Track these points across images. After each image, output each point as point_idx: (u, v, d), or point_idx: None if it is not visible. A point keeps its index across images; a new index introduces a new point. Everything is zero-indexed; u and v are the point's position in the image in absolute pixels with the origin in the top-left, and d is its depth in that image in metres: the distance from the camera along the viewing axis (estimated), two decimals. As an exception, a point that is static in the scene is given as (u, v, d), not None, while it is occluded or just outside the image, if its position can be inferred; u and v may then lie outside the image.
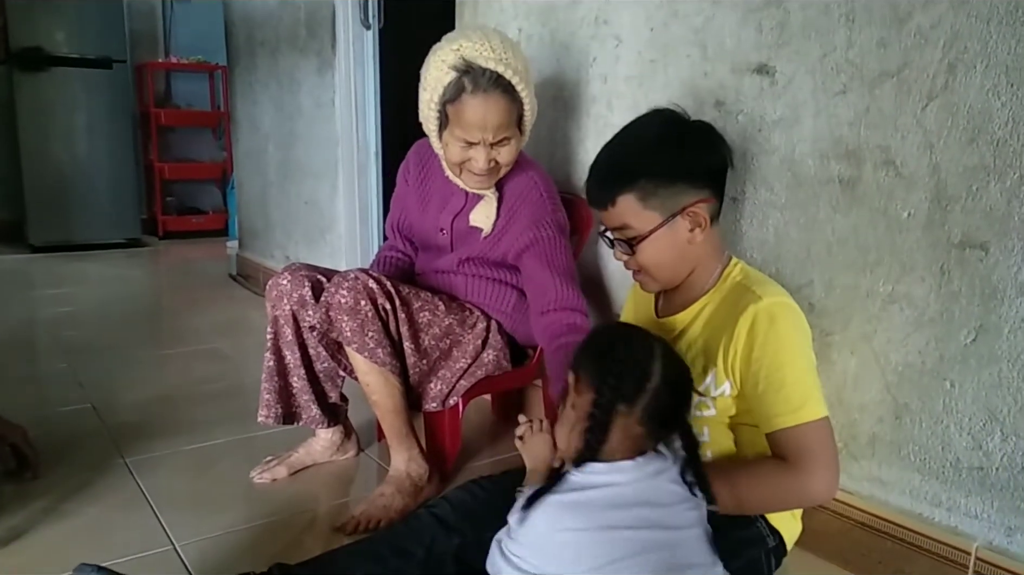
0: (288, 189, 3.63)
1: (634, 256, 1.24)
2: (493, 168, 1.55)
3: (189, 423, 2.03)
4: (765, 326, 1.13)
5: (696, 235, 1.21)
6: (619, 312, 1.85)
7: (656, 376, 1.01)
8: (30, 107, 4.86)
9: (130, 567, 1.12)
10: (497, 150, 1.52)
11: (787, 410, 1.11)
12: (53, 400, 2.21)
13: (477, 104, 1.45)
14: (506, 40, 1.50)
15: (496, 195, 1.62)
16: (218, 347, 2.87)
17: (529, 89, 1.51)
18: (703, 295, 1.25)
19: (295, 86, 3.39)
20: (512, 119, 1.51)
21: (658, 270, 1.25)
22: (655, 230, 1.20)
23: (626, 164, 1.22)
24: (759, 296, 1.15)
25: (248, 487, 1.68)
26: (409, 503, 1.55)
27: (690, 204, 1.19)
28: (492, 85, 1.45)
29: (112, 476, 1.71)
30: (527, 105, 1.52)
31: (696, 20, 1.56)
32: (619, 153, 1.24)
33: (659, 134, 1.22)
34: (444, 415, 1.68)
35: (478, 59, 1.43)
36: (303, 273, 1.63)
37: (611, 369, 1.01)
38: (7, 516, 1.50)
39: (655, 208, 1.19)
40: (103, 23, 5.00)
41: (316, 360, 1.69)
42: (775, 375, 1.12)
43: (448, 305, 1.65)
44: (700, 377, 1.20)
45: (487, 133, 1.48)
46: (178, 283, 4.39)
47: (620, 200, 1.20)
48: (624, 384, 1.00)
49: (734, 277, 1.23)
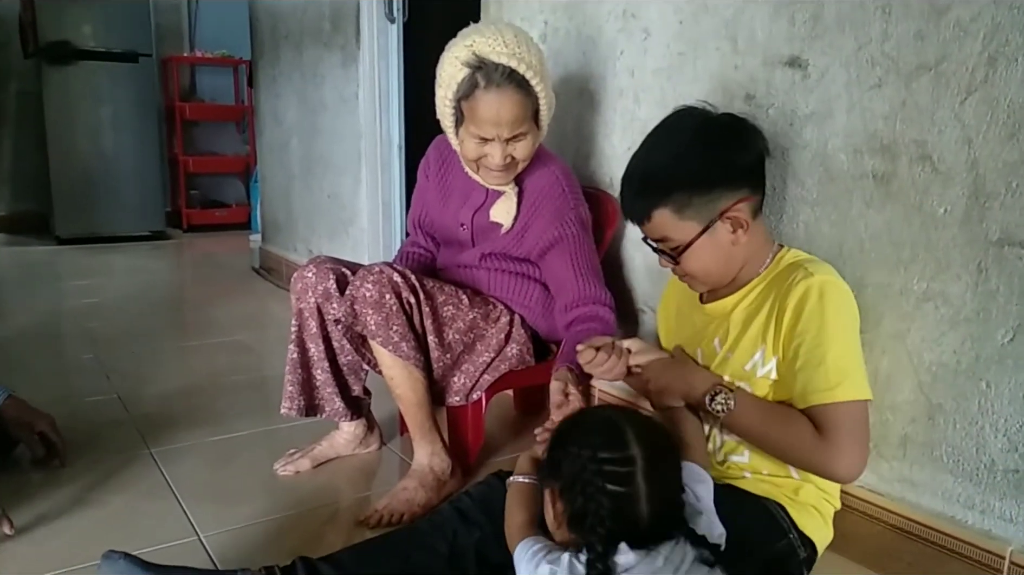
0: (311, 183, 3.64)
1: (679, 265, 1.22)
2: (510, 164, 1.54)
3: (212, 414, 2.05)
4: (813, 300, 1.11)
5: (739, 236, 1.19)
6: (642, 307, 1.84)
7: (644, 503, 0.92)
8: (57, 100, 4.92)
9: (156, 556, 1.13)
10: (513, 146, 1.51)
11: (824, 387, 1.09)
12: (80, 390, 2.23)
13: (491, 100, 1.44)
14: (520, 35, 1.48)
15: (516, 190, 1.61)
16: (241, 339, 2.89)
17: (544, 84, 1.50)
18: (750, 282, 1.23)
19: (319, 80, 3.40)
20: (527, 114, 1.49)
21: (706, 275, 1.23)
22: (695, 239, 1.18)
23: (658, 177, 1.19)
24: (811, 273, 1.14)
25: (271, 479, 1.69)
26: (432, 497, 1.54)
27: (728, 207, 1.16)
28: (505, 80, 1.43)
29: (138, 466, 1.72)
30: (543, 100, 1.51)
31: (727, 13, 1.54)
32: (649, 165, 1.21)
33: (687, 140, 1.19)
34: (467, 409, 1.68)
35: (491, 55, 1.42)
36: (328, 266, 1.63)
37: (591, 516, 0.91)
38: (35, 503, 1.52)
39: (692, 218, 1.17)
40: (129, 17, 5.04)
41: (340, 353, 1.69)
42: (816, 351, 1.10)
43: (472, 299, 1.65)
44: (745, 356, 1.19)
45: (501, 129, 1.47)
46: (202, 276, 4.43)
47: (656, 215, 1.18)
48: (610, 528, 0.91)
49: (786, 260, 1.22)
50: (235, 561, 1.27)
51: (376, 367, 1.63)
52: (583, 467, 0.93)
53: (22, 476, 1.66)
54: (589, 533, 0.91)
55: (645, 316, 1.85)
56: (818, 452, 1.09)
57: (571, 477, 0.93)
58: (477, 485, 1.30)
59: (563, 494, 0.95)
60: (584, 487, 0.92)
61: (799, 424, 1.12)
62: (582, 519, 0.92)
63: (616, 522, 0.91)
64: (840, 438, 1.08)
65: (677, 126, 1.22)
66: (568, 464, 0.94)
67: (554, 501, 0.98)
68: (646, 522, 0.92)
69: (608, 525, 0.90)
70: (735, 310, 1.23)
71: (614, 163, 1.88)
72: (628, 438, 0.94)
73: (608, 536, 0.90)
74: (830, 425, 1.09)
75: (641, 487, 0.92)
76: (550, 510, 0.99)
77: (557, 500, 0.97)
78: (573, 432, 1.00)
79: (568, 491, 0.94)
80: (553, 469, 0.97)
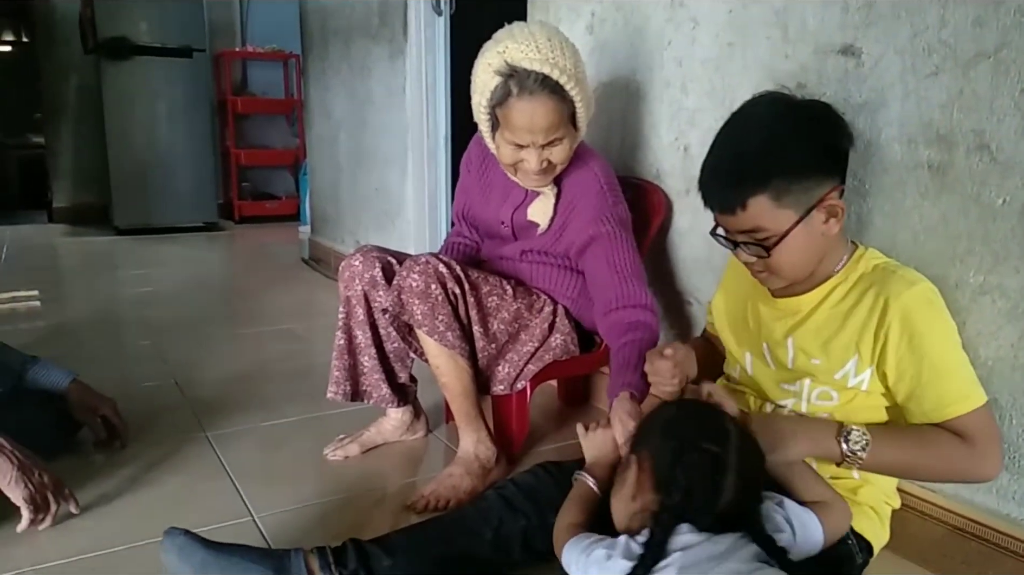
0: (359, 175, 3.70)
1: (768, 258, 1.14)
2: (547, 168, 1.53)
3: (264, 400, 2.10)
4: (924, 313, 1.09)
5: (832, 226, 1.13)
6: (689, 299, 1.83)
7: (729, 491, 0.95)
8: (115, 95, 5.08)
9: (212, 535, 1.17)
10: (549, 151, 1.50)
11: (959, 397, 1.08)
12: (139, 375, 2.31)
13: (524, 107, 1.43)
14: (554, 38, 1.46)
15: (554, 191, 1.61)
16: (291, 328, 2.96)
17: (580, 86, 1.47)
18: (830, 277, 1.18)
19: (367, 73, 3.44)
20: (563, 119, 1.47)
21: (792, 269, 1.15)
22: (791, 229, 1.10)
23: (754, 164, 1.10)
24: (910, 282, 1.11)
25: (321, 463, 1.73)
26: (477, 484, 1.56)
27: (825, 195, 1.11)
28: (538, 87, 1.42)
29: (194, 448, 1.78)
30: (578, 102, 1.48)
31: (777, 1, 1.52)
32: (743, 152, 1.12)
33: (782, 126, 1.11)
34: (512, 398, 1.69)
35: (523, 61, 1.41)
36: (374, 255, 1.66)
37: (680, 479, 0.94)
38: (98, 483, 1.59)
39: (790, 206, 1.10)
40: (184, 13, 5.18)
41: (386, 340, 1.72)
42: (941, 363, 1.09)
43: (516, 290, 1.66)
44: (837, 365, 1.15)
45: (536, 136, 1.46)
46: (253, 266, 4.53)
47: (752, 203, 1.09)
48: (694, 499, 0.94)
49: (867, 258, 1.18)
50: (287, 541, 1.31)
51: (422, 356, 1.66)
52: (681, 440, 0.98)
53: (85, 457, 1.73)
54: (663, 506, 0.94)
55: (692, 308, 1.84)
56: (971, 461, 1.09)
57: (667, 448, 0.98)
58: (523, 474, 1.32)
59: (653, 462, 0.99)
60: (676, 459, 0.96)
61: (945, 440, 1.09)
62: (666, 487, 0.95)
63: (695, 500, 0.94)
64: (986, 442, 1.08)
65: (767, 112, 1.14)
66: (667, 437, 1.00)
67: (640, 468, 1.00)
68: (721, 507, 0.94)
69: (687, 500, 0.93)
70: (817, 310, 1.18)
71: (660, 154, 1.87)
72: (728, 426, 1.01)
73: (677, 512, 0.93)
74: (976, 433, 1.08)
75: (729, 473, 0.95)
76: (631, 477, 1.01)
77: (643, 468, 1.00)
78: (675, 413, 1.06)
79: (659, 459, 0.98)
80: (649, 438, 1.02)
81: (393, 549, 1.18)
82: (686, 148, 1.79)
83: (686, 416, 1.06)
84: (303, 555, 1.16)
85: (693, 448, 0.96)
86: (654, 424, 1.06)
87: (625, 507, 1.02)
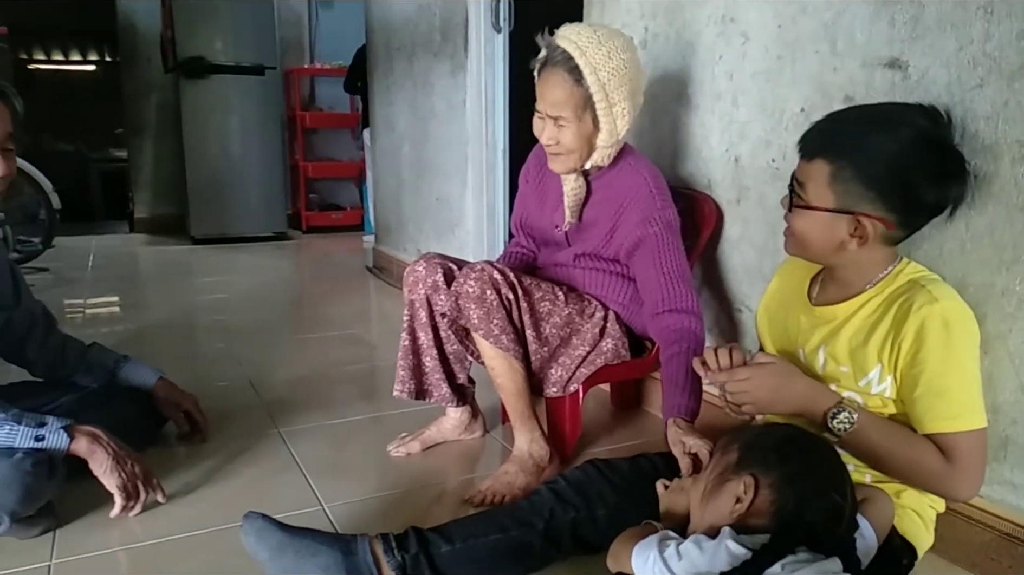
0: (420, 186, 3.82)
1: (793, 215, 1.22)
2: (556, 149, 1.63)
3: (331, 400, 2.22)
4: (937, 329, 1.11)
5: (851, 243, 1.17)
6: (740, 307, 1.87)
7: (841, 530, 1.00)
8: (192, 111, 5.34)
9: (286, 521, 1.27)
10: (557, 129, 1.60)
11: (946, 416, 1.12)
12: (216, 375, 2.46)
13: (545, 76, 1.59)
14: (605, 40, 1.55)
15: (583, 187, 1.69)
16: (355, 333, 3.09)
17: (602, 84, 1.54)
18: (868, 289, 1.22)
19: (429, 88, 3.57)
20: (572, 102, 1.56)
21: (801, 240, 1.23)
22: (817, 209, 1.17)
23: (849, 138, 1.15)
24: (935, 298, 1.12)
25: (384, 459, 1.83)
26: (531, 481, 1.63)
27: (863, 213, 1.14)
28: (559, 62, 1.55)
29: (268, 443, 1.91)
30: (597, 97, 1.55)
31: (826, 15, 1.56)
32: (856, 122, 1.18)
33: (900, 137, 1.13)
34: (564, 401, 1.76)
35: (561, 40, 1.56)
36: (437, 261, 1.76)
37: (805, 518, 0.98)
38: (182, 474, 1.72)
39: (834, 193, 1.15)
40: (257, 33, 5.42)
41: (447, 342, 1.81)
42: (938, 381, 1.11)
43: (568, 296, 1.73)
44: (860, 373, 1.20)
45: (546, 106, 1.59)
46: (319, 274, 4.71)
47: (818, 162, 1.17)
48: (813, 534, 0.96)
49: (906, 273, 1.20)
50: (353, 529, 1.40)
51: (479, 358, 1.74)
52: (811, 486, 1.00)
53: (170, 450, 1.87)
54: (789, 528, 0.97)
55: (742, 315, 1.88)
56: (942, 477, 1.12)
57: (795, 490, 1.00)
58: (573, 470, 1.39)
59: (776, 495, 1.00)
60: (804, 503, 0.99)
61: (923, 448, 1.13)
62: (787, 520, 0.98)
63: (814, 534, 0.96)
64: (963, 465, 1.11)
65: (910, 121, 1.15)
66: (796, 481, 1.01)
67: (756, 491, 1.02)
68: (840, 533, 0.99)
69: (805, 533, 0.96)
70: (850, 320, 1.22)
71: (711, 164, 1.92)
72: (847, 475, 1.05)
73: (796, 538, 0.96)
74: (954, 452, 1.11)
75: (846, 518, 1.00)
76: (737, 495, 1.03)
77: (760, 494, 1.01)
78: (796, 448, 1.05)
79: (783, 496, 1.00)
80: (768, 468, 1.03)
81: (451, 536, 1.26)
82: (736, 159, 1.83)
83: (809, 455, 1.06)
84: (368, 540, 1.25)
85: (821, 494, 1.00)
86: (769, 451, 1.05)
87: (714, 512, 1.05)
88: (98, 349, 1.90)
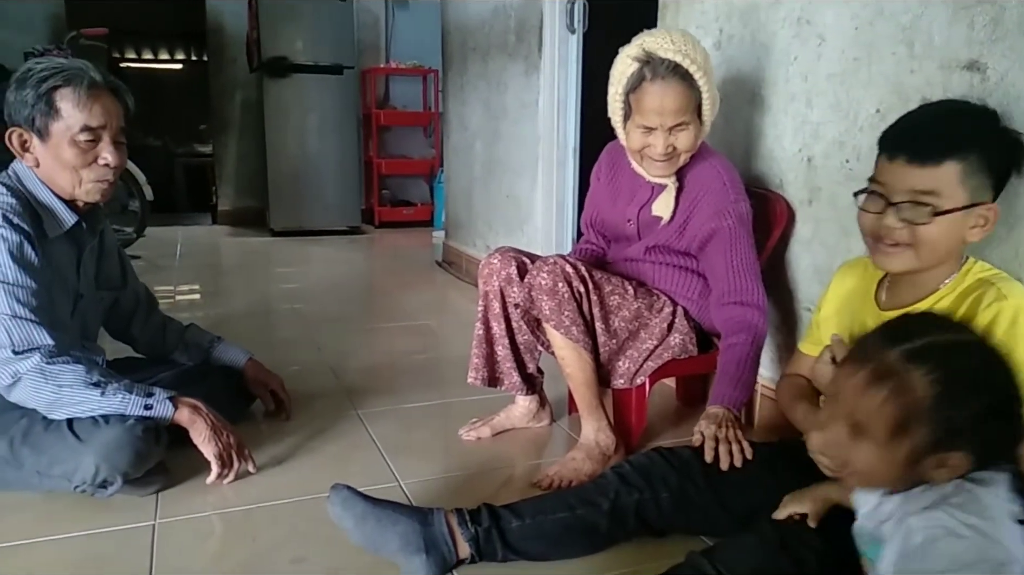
0: (491, 183, 3.91)
1: (923, 226, 1.15)
2: (671, 154, 1.65)
3: (403, 385, 2.33)
4: (1005, 326, 1.11)
5: (975, 234, 1.17)
6: (809, 307, 1.88)
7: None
8: (274, 109, 5.56)
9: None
10: (675, 135, 1.63)
11: None
12: (296, 360, 2.58)
13: (655, 91, 1.59)
14: (687, 36, 1.62)
15: (676, 185, 1.72)
16: (426, 324, 3.20)
17: (708, 81, 1.61)
18: (938, 290, 1.22)
19: (502, 88, 3.65)
20: (690, 106, 1.61)
21: (930, 252, 1.18)
22: (955, 210, 1.14)
23: (973, 128, 1.16)
24: (1004, 295, 1.12)
25: (456, 442, 1.92)
26: (597, 469, 1.68)
27: (988, 202, 1.16)
28: (670, 73, 1.57)
29: (347, 423, 2.02)
30: (705, 94, 1.62)
31: (904, 18, 1.56)
32: (967, 113, 1.19)
33: (990, 116, 1.18)
34: (631, 393, 1.81)
35: (658, 50, 1.57)
36: (511, 255, 1.83)
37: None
38: (268, 449, 1.84)
39: (969, 188, 1.14)
40: (337, 34, 5.59)
41: (518, 332, 1.88)
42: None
43: (637, 290, 1.78)
44: None
45: (665, 118, 1.60)
46: (391, 267, 4.85)
47: (948, 163, 1.13)
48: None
49: (974, 272, 1.21)
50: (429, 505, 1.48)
51: (549, 348, 1.81)
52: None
53: (257, 426, 1.99)
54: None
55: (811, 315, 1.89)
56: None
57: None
58: (637, 456, 1.44)
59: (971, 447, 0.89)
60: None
61: None
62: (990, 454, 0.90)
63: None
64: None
65: (969, 102, 1.21)
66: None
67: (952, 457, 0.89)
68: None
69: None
70: None
71: (784, 164, 1.94)
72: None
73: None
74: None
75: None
76: (940, 462, 0.90)
77: (958, 457, 0.89)
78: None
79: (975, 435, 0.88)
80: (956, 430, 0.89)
81: (521, 513, 1.34)
82: (809, 159, 1.85)
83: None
84: (444, 513, 1.33)
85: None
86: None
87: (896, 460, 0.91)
88: (195, 330, 2.04)
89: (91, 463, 1.48)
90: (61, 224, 1.63)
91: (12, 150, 1.59)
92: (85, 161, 1.59)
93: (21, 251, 1.52)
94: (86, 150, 1.58)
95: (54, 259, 1.62)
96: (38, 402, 1.50)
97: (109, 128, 1.60)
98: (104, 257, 1.84)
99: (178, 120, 8.95)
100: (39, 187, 1.61)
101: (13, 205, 1.54)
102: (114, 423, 1.51)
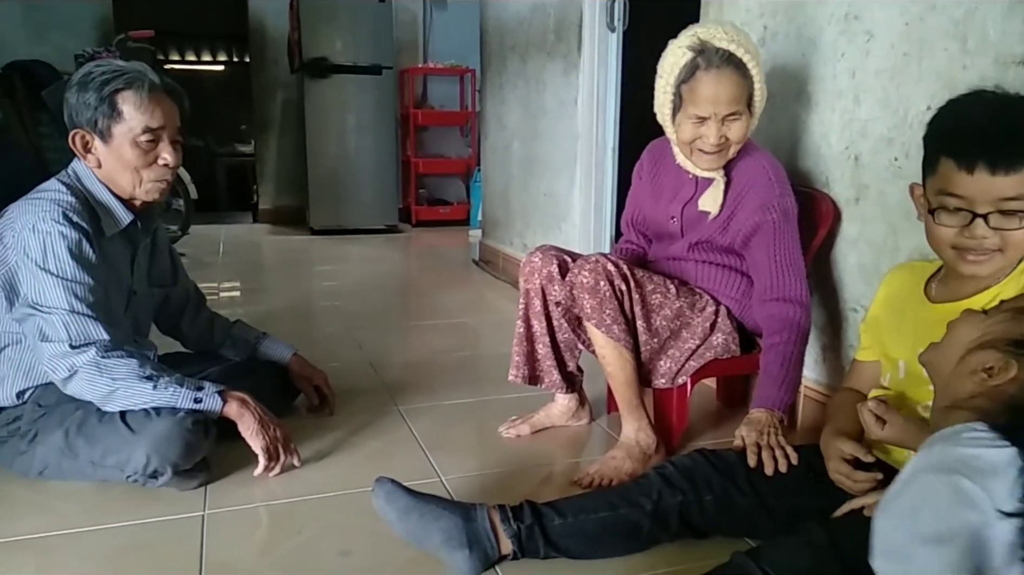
0: (528, 182, 3.92)
1: (1011, 233, 1.13)
2: (723, 145, 1.64)
3: (443, 383, 2.35)
4: None
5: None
6: (855, 306, 1.85)
7: None
8: (314, 109, 5.64)
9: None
10: (728, 126, 1.62)
11: None
12: (338, 356, 2.62)
13: (710, 79, 1.58)
14: (738, 28, 1.62)
15: (724, 179, 1.71)
16: (463, 322, 3.22)
17: (759, 72, 1.62)
18: (995, 285, 1.21)
19: (541, 86, 3.65)
20: (743, 96, 1.61)
21: (1017, 251, 1.16)
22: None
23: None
24: None
25: (496, 439, 1.93)
26: (637, 468, 1.68)
27: None
28: (724, 62, 1.57)
29: (389, 419, 2.04)
30: (757, 85, 1.62)
31: (956, 13, 1.53)
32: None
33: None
34: (672, 392, 1.80)
35: (712, 40, 1.57)
36: (552, 253, 1.83)
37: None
38: (312, 443, 1.86)
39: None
40: (376, 35, 5.65)
41: (558, 331, 1.88)
42: None
43: (679, 289, 1.77)
44: None
45: (719, 107, 1.59)
46: (428, 265, 4.89)
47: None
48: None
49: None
50: (470, 500, 1.50)
51: (590, 347, 1.80)
52: None
53: (301, 421, 2.02)
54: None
55: (857, 316, 1.86)
56: None
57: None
58: (680, 457, 1.43)
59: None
60: None
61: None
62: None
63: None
64: None
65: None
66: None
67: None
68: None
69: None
70: None
71: (830, 162, 1.91)
72: None
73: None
74: None
75: None
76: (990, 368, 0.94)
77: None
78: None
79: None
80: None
81: (563, 511, 1.34)
82: (856, 157, 1.82)
83: None
84: (487, 509, 1.34)
85: None
86: None
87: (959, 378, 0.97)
88: (242, 326, 2.09)
89: (143, 454, 1.52)
90: (118, 222, 1.68)
91: (75, 151, 1.64)
92: (146, 162, 1.64)
93: (80, 248, 1.56)
94: (147, 151, 1.63)
95: (110, 257, 1.67)
96: (93, 395, 1.55)
97: (168, 129, 1.65)
98: (156, 255, 1.89)
99: (220, 120, 9.12)
100: (97, 186, 1.65)
101: (73, 204, 1.58)
102: (165, 415, 1.55)
